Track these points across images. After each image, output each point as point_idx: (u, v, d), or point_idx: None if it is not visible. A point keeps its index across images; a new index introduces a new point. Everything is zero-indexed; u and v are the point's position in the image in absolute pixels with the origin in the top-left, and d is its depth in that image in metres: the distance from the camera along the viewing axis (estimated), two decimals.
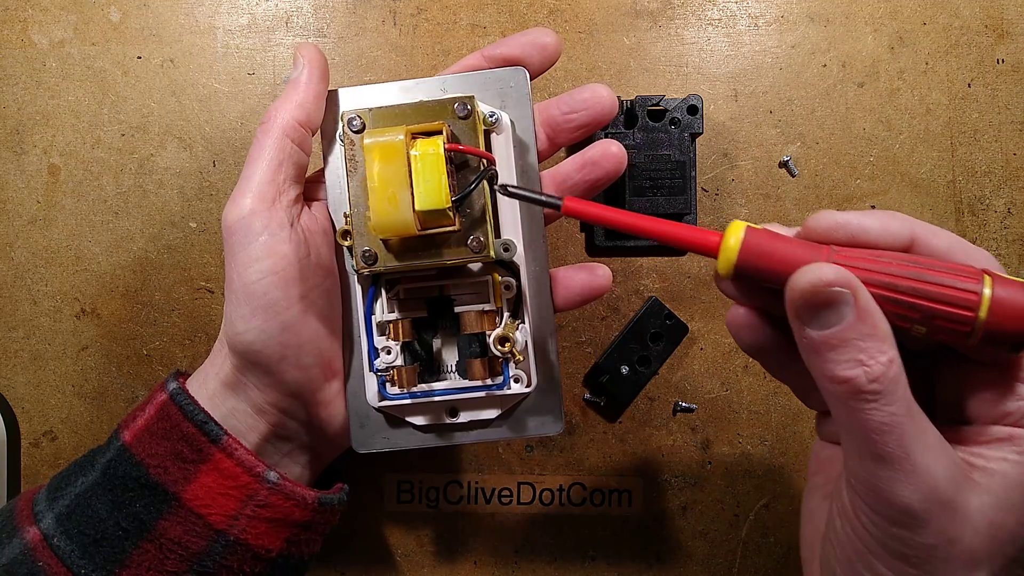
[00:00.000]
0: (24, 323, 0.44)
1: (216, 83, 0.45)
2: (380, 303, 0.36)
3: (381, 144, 0.32)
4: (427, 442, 0.37)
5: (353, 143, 0.33)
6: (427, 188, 0.31)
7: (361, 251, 0.33)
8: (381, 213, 0.32)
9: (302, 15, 0.45)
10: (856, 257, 0.26)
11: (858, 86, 0.45)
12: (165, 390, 0.35)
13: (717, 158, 0.45)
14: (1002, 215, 0.45)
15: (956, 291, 0.25)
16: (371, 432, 0.37)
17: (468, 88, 0.36)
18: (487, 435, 0.37)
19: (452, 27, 0.45)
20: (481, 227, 0.33)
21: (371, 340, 0.36)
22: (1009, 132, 0.45)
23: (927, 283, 0.25)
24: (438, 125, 0.33)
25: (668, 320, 0.44)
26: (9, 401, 0.44)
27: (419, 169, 0.31)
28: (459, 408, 0.37)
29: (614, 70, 0.45)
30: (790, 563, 0.45)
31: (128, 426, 0.35)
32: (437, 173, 0.31)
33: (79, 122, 0.44)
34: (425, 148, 0.32)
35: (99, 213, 0.44)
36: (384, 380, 0.36)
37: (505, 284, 0.36)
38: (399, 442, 0.37)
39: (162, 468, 0.33)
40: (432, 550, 0.45)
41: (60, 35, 0.45)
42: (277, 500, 0.33)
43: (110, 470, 0.33)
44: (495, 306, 0.36)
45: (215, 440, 0.33)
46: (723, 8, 0.45)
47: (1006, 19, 0.45)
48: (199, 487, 0.33)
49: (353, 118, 0.33)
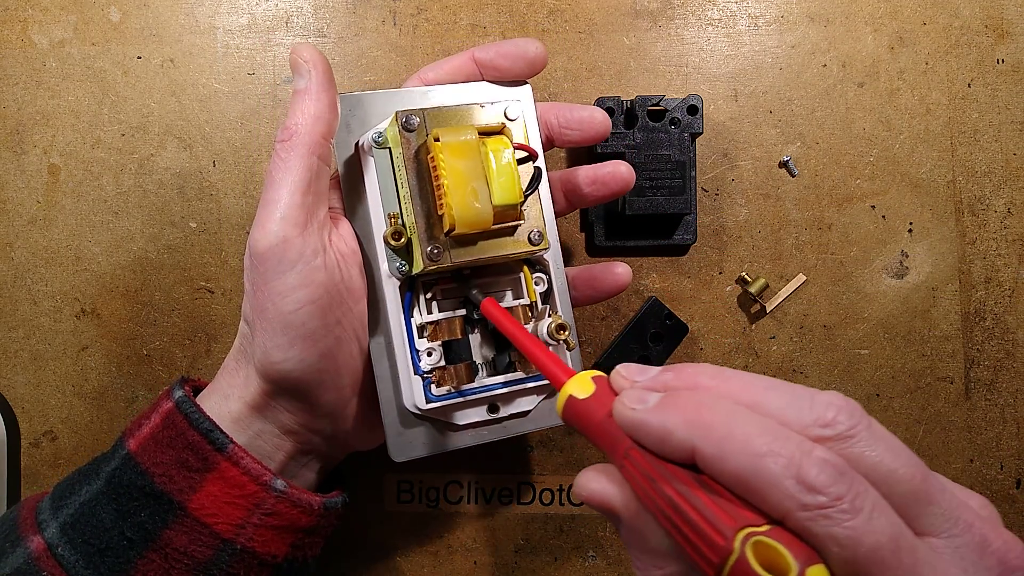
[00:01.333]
0: (24, 323, 0.44)
1: (216, 83, 0.45)
2: (418, 306, 0.36)
3: (459, 142, 0.33)
4: (467, 441, 0.37)
5: (409, 142, 0.34)
6: (503, 184, 0.33)
7: (428, 249, 0.33)
8: (464, 208, 0.32)
9: (302, 15, 0.45)
10: (643, 463, 0.24)
11: (858, 86, 0.45)
12: (171, 398, 0.34)
13: (717, 158, 0.45)
14: (1002, 215, 0.45)
15: (702, 543, 0.21)
16: (410, 438, 0.37)
17: (480, 99, 0.37)
18: (523, 426, 0.38)
19: (452, 27, 0.45)
20: (539, 223, 0.35)
21: (412, 343, 0.36)
22: (1009, 132, 0.45)
23: (684, 520, 0.22)
24: (498, 126, 0.34)
25: (668, 320, 0.44)
26: (9, 401, 0.44)
27: (495, 166, 0.33)
28: (499, 403, 0.37)
29: (614, 70, 0.45)
30: None
31: (133, 434, 0.34)
32: (511, 169, 0.33)
33: (79, 122, 0.44)
34: (497, 145, 0.33)
35: (99, 213, 0.44)
36: (430, 382, 0.36)
37: (536, 279, 0.37)
38: (441, 445, 0.37)
39: (167, 477, 0.32)
40: (432, 550, 0.45)
41: (60, 35, 0.45)
42: (284, 508, 0.33)
43: (115, 479, 0.33)
44: (530, 300, 0.37)
45: (221, 449, 0.32)
46: (723, 8, 0.45)
47: (1006, 19, 0.45)
48: (205, 496, 0.32)
49: (411, 118, 0.34)
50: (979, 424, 0.45)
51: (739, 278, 0.44)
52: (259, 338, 0.33)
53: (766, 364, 0.45)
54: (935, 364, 0.45)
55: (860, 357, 0.45)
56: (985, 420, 0.45)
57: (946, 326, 0.45)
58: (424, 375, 0.36)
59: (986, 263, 0.45)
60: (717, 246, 0.45)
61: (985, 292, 0.45)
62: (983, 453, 0.45)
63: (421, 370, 0.35)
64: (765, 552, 0.21)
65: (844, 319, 0.45)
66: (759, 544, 0.21)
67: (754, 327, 0.45)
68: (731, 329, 0.45)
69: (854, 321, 0.45)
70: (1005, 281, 0.45)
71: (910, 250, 0.45)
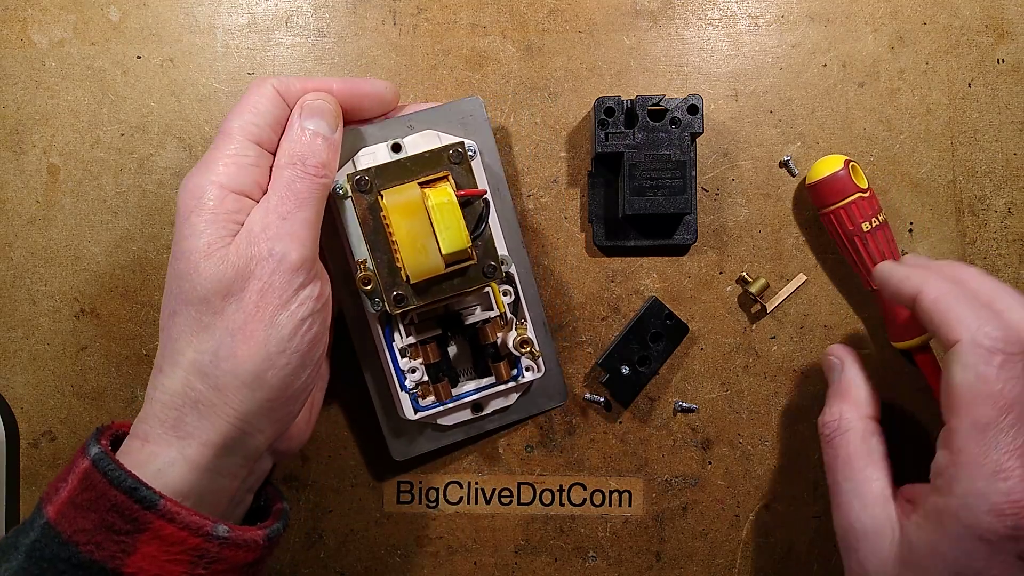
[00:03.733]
0: (23, 323, 0.44)
1: (216, 83, 0.45)
2: (398, 331, 0.40)
3: (403, 202, 0.36)
4: (457, 436, 0.43)
5: (363, 201, 0.36)
6: (449, 233, 0.35)
7: (392, 295, 0.37)
8: (414, 262, 0.36)
9: (302, 15, 0.45)
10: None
11: (858, 86, 0.45)
12: (87, 455, 0.31)
13: (717, 158, 0.45)
14: (1002, 215, 0.45)
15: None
16: (407, 441, 0.43)
17: (433, 121, 0.40)
18: (508, 419, 0.43)
19: (452, 27, 0.45)
20: (491, 255, 0.38)
21: (397, 365, 0.40)
22: (1009, 132, 0.45)
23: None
24: (443, 173, 0.37)
25: (668, 320, 0.44)
26: (8, 401, 0.44)
27: (438, 217, 0.35)
28: (482, 403, 0.42)
29: (614, 70, 0.45)
30: (790, 564, 0.45)
31: (51, 499, 0.30)
32: (455, 217, 0.36)
33: (78, 122, 0.44)
34: (439, 197, 0.36)
35: (98, 213, 0.44)
36: (416, 395, 0.40)
37: (504, 291, 0.41)
38: (436, 442, 0.43)
39: (94, 544, 0.29)
40: (432, 550, 0.45)
41: (59, 35, 0.45)
42: (228, 552, 0.31)
43: (35, 552, 0.29)
44: (499, 311, 0.40)
45: (150, 507, 0.29)
46: (723, 8, 0.45)
47: (1006, 19, 0.45)
48: (142, 558, 0.29)
49: (360, 178, 0.36)
50: None
51: (739, 278, 0.44)
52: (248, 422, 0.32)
53: (766, 364, 0.45)
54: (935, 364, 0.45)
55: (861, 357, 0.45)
56: None
57: None
58: (410, 391, 0.40)
59: (986, 263, 0.45)
60: (717, 246, 0.45)
61: None
62: None
63: (407, 387, 0.40)
64: None
65: (845, 319, 0.45)
66: None
67: (754, 327, 0.45)
68: (731, 329, 0.45)
69: (855, 321, 0.45)
70: (1005, 281, 0.45)
71: (910, 250, 0.45)
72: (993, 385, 0.31)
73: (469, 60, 0.45)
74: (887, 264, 0.39)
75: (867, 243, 0.42)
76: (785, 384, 0.45)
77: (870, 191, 0.42)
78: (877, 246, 0.42)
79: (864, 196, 0.42)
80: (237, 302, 0.31)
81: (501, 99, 0.45)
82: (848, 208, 0.42)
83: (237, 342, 0.31)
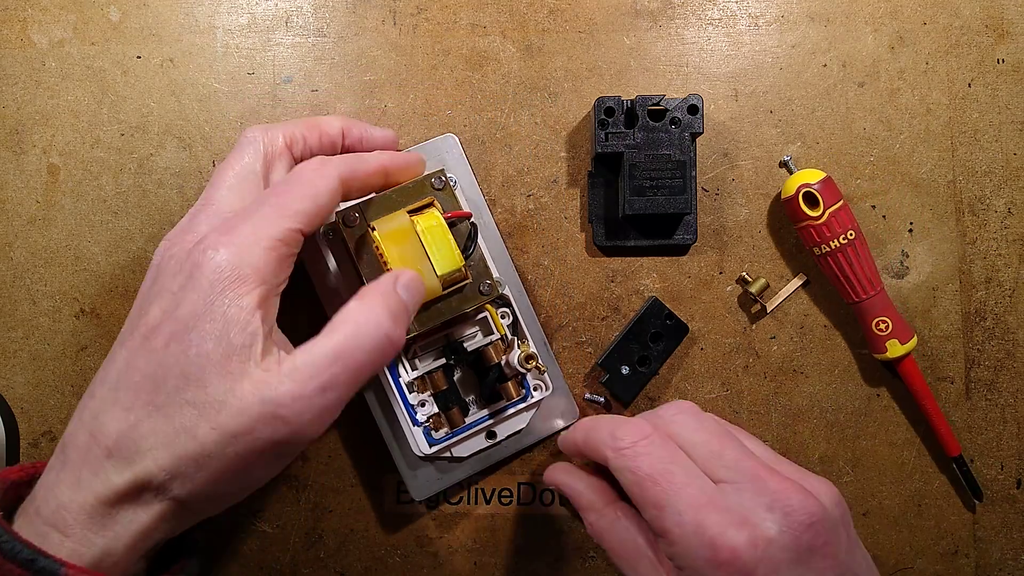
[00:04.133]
0: (23, 323, 0.44)
1: (216, 83, 0.45)
2: (403, 365, 0.40)
3: (394, 230, 0.36)
4: (475, 467, 0.43)
5: (352, 235, 0.37)
6: (442, 254, 0.36)
7: None
8: None
9: (302, 15, 0.45)
10: None
11: (858, 86, 0.45)
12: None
13: (717, 158, 0.45)
14: (1002, 215, 0.45)
15: None
16: (424, 477, 0.43)
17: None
18: (522, 443, 0.43)
19: (452, 27, 0.45)
20: (486, 273, 0.39)
21: (405, 400, 0.40)
22: (1009, 132, 0.45)
23: None
24: (428, 200, 0.38)
25: (668, 320, 0.44)
26: (8, 401, 0.44)
27: (430, 241, 0.36)
28: (495, 429, 0.42)
29: (614, 70, 0.45)
30: None
31: None
32: (445, 239, 0.36)
33: (78, 122, 0.44)
34: (428, 221, 0.37)
35: (98, 213, 0.44)
36: (428, 429, 0.41)
37: (502, 315, 0.41)
38: (453, 475, 0.43)
39: None
40: (432, 550, 0.45)
41: (59, 35, 0.44)
42: None
43: None
44: (499, 334, 0.41)
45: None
46: (723, 8, 0.45)
47: (1006, 19, 0.45)
48: None
49: (347, 214, 0.37)
50: (979, 424, 0.45)
51: (739, 278, 0.44)
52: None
53: (766, 364, 0.45)
54: (935, 364, 0.45)
55: (861, 357, 0.45)
56: (985, 420, 0.45)
57: (946, 326, 0.45)
58: (423, 425, 0.40)
59: (986, 263, 0.45)
60: (717, 246, 0.45)
61: (985, 292, 0.45)
62: (983, 453, 0.45)
63: (419, 421, 0.40)
64: None
65: (845, 319, 0.45)
66: None
67: (754, 327, 0.45)
68: (731, 329, 0.45)
69: (855, 321, 0.45)
70: (1005, 281, 0.45)
71: (910, 250, 0.45)
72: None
73: (469, 60, 0.45)
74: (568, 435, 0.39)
75: (838, 260, 0.42)
76: (785, 384, 0.45)
77: (843, 207, 0.42)
78: (848, 261, 0.42)
79: (815, 223, 0.42)
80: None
81: (501, 99, 0.45)
82: (806, 230, 0.42)
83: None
